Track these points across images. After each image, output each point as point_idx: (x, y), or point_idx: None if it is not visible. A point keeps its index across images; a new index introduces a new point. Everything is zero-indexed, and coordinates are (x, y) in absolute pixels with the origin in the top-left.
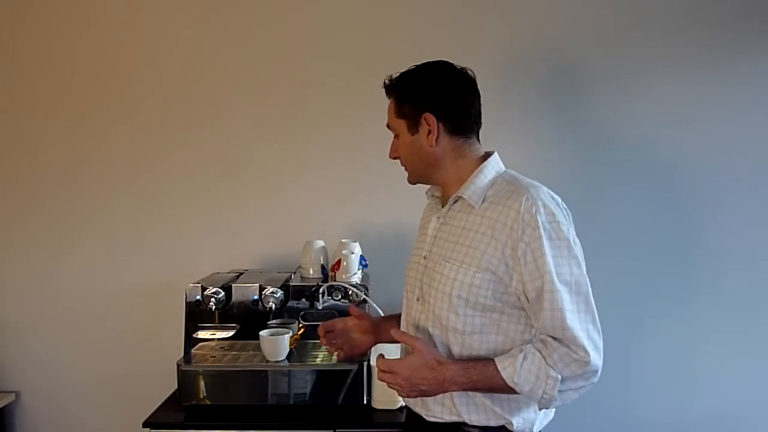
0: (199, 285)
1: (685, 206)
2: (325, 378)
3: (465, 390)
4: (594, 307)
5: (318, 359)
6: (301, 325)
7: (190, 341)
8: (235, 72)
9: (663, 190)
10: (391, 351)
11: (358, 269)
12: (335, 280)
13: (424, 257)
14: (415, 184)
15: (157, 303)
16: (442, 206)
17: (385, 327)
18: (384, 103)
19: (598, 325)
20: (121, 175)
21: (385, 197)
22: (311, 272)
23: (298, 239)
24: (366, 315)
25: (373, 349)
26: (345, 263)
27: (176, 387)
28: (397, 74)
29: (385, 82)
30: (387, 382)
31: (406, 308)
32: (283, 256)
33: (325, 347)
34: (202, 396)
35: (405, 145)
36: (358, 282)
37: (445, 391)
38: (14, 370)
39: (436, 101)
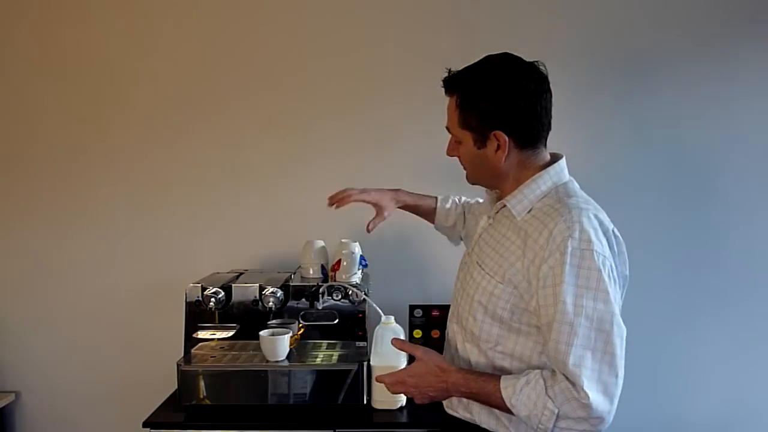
0: (199, 285)
1: (689, 205)
2: (325, 378)
3: (468, 398)
4: (617, 349)
5: (318, 359)
6: (301, 325)
7: (190, 341)
8: (234, 71)
9: (663, 190)
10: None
11: (358, 269)
12: (335, 280)
13: (469, 254)
14: (474, 185)
15: (157, 303)
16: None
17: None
18: (385, 102)
19: (618, 369)
20: (121, 174)
21: None
22: (311, 272)
23: (298, 239)
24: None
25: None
26: (345, 263)
27: (176, 387)
28: (457, 71)
29: (444, 79)
30: (399, 392)
31: (453, 296)
32: (283, 256)
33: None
34: (202, 396)
35: (468, 156)
36: (358, 282)
37: (451, 396)
38: (14, 370)
39: (509, 116)
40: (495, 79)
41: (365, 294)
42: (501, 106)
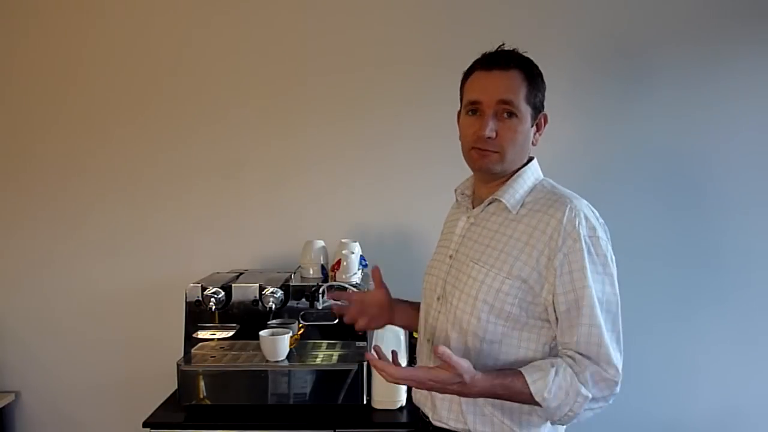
0: (199, 285)
1: (687, 205)
2: (325, 378)
3: (490, 397)
4: (620, 329)
5: (318, 359)
6: (301, 325)
7: (190, 341)
8: (234, 70)
9: (664, 190)
10: (390, 341)
11: (358, 269)
12: (335, 280)
13: (450, 256)
14: (486, 171)
15: (157, 303)
16: (473, 206)
17: (401, 310)
18: (385, 103)
19: (622, 347)
20: (121, 175)
21: (385, 197)
22: (311, 272)
23: (298, 239)
24: (385, 286)
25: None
26: (345, 263)
27: (176, 387)
28: (514, 49)
29: (507, 52)
30: (411, 385)
31: (426, 307)
32: (283, 256)
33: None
34: (202, 396)
35: (520, 133)
36: (358, 282)
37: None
38: (14, 370)
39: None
40: (538, 69)
41: None
42: (544, 92)
